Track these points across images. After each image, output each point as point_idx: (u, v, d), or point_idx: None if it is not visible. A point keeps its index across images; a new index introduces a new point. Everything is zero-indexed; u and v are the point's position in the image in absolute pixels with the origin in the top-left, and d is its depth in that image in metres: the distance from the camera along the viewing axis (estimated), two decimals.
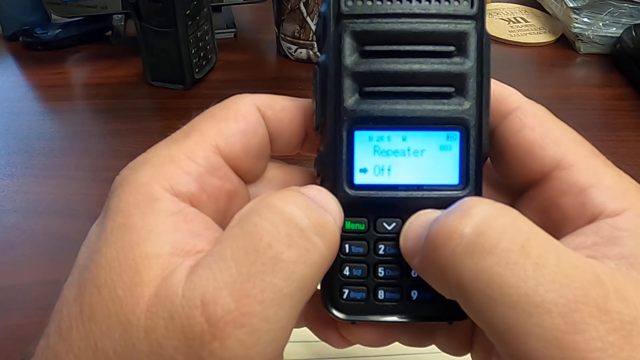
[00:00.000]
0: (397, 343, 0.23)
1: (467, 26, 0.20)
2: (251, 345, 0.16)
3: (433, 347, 0.24)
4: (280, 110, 0.22)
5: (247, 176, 0.22)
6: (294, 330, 0.18)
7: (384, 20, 0.20)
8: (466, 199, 0.18)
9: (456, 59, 0.20)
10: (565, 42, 0.75)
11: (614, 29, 0.71)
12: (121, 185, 0.19)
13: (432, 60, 0.20)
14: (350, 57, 0.20)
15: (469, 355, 0.24)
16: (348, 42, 0.20)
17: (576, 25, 0.71)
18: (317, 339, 0.24)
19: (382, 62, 0.20)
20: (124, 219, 0.18)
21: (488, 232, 0.17)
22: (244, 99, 0.22)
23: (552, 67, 0.72)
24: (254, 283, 0.16)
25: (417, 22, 0.20)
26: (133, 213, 0.18)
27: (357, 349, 0.36)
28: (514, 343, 0.16)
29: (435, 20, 0.20)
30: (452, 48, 0.20)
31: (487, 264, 0.16)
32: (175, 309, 0.16)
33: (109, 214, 0.19)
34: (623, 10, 0.70)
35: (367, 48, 0.20)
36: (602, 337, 0.15)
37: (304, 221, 0.17)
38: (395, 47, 0.20)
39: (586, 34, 0.71)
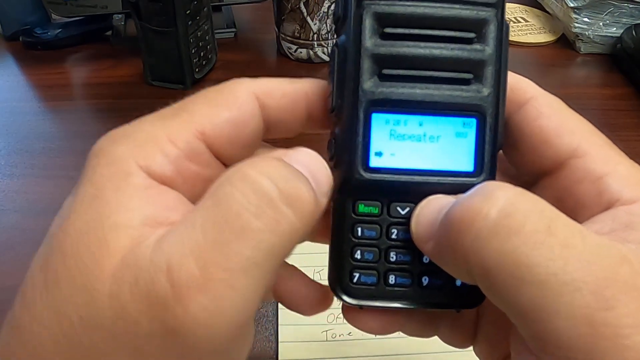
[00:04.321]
0: (398, 343, 0.23)
1: (488, 13, 0.20)
2: (214, 312, 0.16)
3: (434, 348, 0.24)
4: (281, 97, 0.22)
5: (231, 163, 0.21)
6: (294, 330, 0.18)
7: (406, 3, 0.20)
8: (485, 183, 0.18)
9: (476, 46, 0.20)
10: (565, 42, 0.75)
11: (614, 28, 0.71)
12: (97, 156, 0.19)
13: (452, 45, 0.20)
14: (370, 39, 0.20)
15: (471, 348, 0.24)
16: (369, 24, 0.20)
17: (576, 25, 0.71)
18: (317, 338, 0.24)
19: (402, 45, 0.20)
20: (96, 190, 0.18)
21: (514, 214, 0.17)
22: (241, 86, 0.21)
23: (552, 67, 0.72)
24: (219, 251, 0.16)
25: (439, 7, 0.20)
26: (106, 186, 0.18)
27: (358, 349, 0.36)
28: (542, 322, 0.16)
29: (457, 5, 0.20)
30: (472, 34, 0.20)
31: (514, 245, 0.16)
32: (141, 274, 0.16)
33: (83, 183, 0.18)
34: (623, 10, 0.70)
35: (388, 30, 0.20)
36: (633, 313, 0.16)
37: (274, 191, 0.17)
38: (416, 31, 0.20)
39: (586, 33, 0.71)
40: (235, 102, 0.21)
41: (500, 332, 0.18)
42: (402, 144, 0.20)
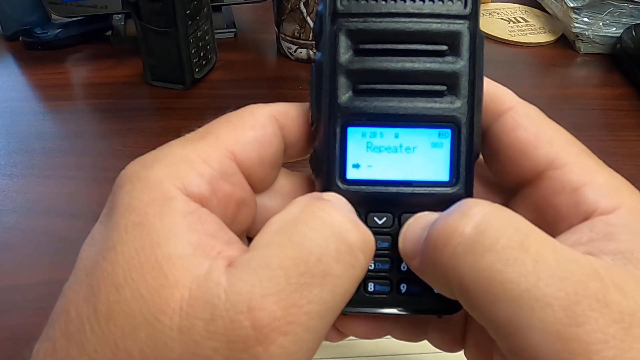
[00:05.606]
0: (396, 343, 0.23)
1: (460, 26, 0.20)
2: (293, 353, 0.16)
3: (434, 347, 0.24)
4: (296, 117, 0.22)
5: (258, 185, 0.22)
6: None
7: (379, 19, 0.20)
8: (465, 200, 0.19)
9: (449, 58, 0.21)
10: (565, 42, 0.75)
11: (614, 28, 0.71)
12: (131, 182, 0.19)
13: (425, 59, 0.20)
14: (344, 55, 0.21)
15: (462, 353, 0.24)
16: (343, 40, 0.20)
17: (576, 25, 0.71)
18: None
19: (376, 60, 0.20)
20: (139, 217, 0.18)
21: (488, 230, 0.17)
22: (261, 109, 0.22)
23: (552, 67, 0.72)
24: (301, 294, 0.17)
25: (410, 22, 0.20)
26: (148, 212, 0.18)
27: (357, 349, 0.36)
28: (517, 338, 0.16)
29: (428, 19, 0.20)
30: (444, 47, 0.20)
31: (488, 262, 0.17)
32: (219, 312, 0.16)
33: (120, 211, 0.18)
34: (623, 10, 0.70)
35: (362, 46, 0.20)
36: (602, 329, 0.16)
37: (352, 237, 0.18)
38: (389, 46, 0.20)
39: (586, 33, 0.71)
40: (257, 122, 0.21)
41: (488, 336, 0.18)
42: (379, 156, 0.21)
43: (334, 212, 0.18)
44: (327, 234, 0.17)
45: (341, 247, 0.17)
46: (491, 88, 0.22)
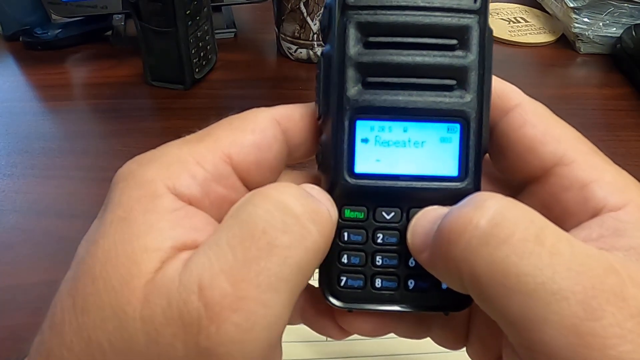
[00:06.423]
0: (397, 343, 0.23)
1: (470, 20, 0.20)
2: (247, 330, 0.16)
3: (434, 348, 0.24)
4: (299, 119, 0.22)
5: (256, 187, 0.22)
6: (294, 329, 0.18)
7: (389, 12, 0.20)
8: (478, 193, 0.19)
9: (458, 52, 0.20)
10: (565, 42, 0.75)
11: (614, 29, 0.71)
12: (125, 179, 0.19)
13: (435, 52, 0.20)
14: (354, 48, 0.20)
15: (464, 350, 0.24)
16: (352, 33, 0.20)
17: (576, 25, 0.71)
18: (317, 338, 0.24)
19: (385, 53, 0.20)
20: (125, 212, 0.18)
21: (503, 223, 0.17)
22: (263, 113, 0.22)
23: (552, 67, 0.72)
24: (249, 268, 0.16)
25: (420, 15, 0.20)
26: (134, 208, 0.18)
27: (357, 348, 0.36)
28: (531, 332, 0.16)
29: (438, 13, 0.20)
30: (454, 41, 0.20)
31: (503, 254, 0.17)
32: (173, 296, 0.16)
33: (111, 207, 0.18)
34: (623, 10, 0.70)
35: (371, 39, 0.20)
36: (620, 323, 0.16)
37: (298, 208, 0.18)
38: (398, 39, 0.20)
39: (586, 34, 0.71)
40: (258, 126, 0.21)
41: (492, 333, 0.18)
42: (387, 150, 0.21)
43: (283, 189, 0.18)
44: (272, 207, 0.17)
45: (287, 219, 0.17)
46: (498, 85, 0.22)
